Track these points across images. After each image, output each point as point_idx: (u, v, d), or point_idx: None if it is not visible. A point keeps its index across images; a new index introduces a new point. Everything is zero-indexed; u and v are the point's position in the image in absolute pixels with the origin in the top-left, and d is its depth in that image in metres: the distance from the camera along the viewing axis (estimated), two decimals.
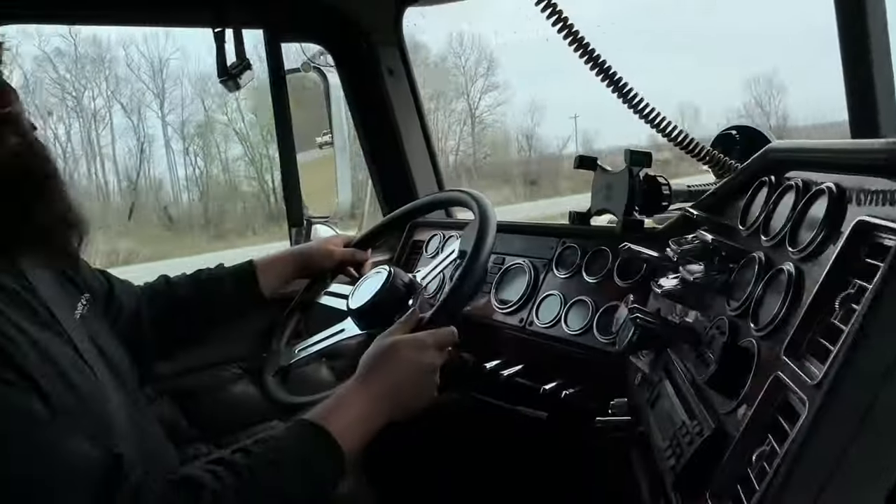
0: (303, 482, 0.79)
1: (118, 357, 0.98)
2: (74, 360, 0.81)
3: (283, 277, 1.38)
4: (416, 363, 0.96)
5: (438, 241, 1.67)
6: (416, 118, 1.88)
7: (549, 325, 1.24)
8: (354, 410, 0.89)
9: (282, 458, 0.78)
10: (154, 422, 1.03)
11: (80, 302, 0.96)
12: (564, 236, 1.33)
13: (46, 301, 0.84)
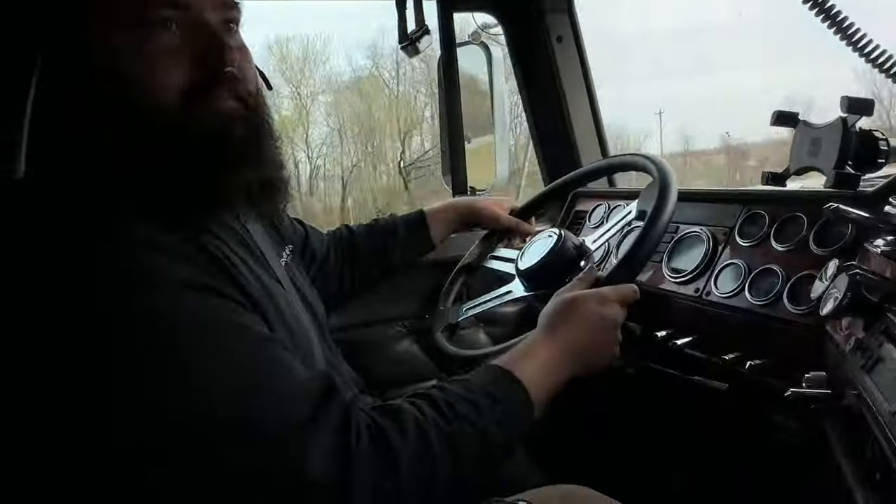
0: (497, 421, 0.78)
1: (317, 304, 1.05)
2: (287, 300, 0.88)
3: (450, 225, 1.45)
4: (599, 317, 0.94)
5: (603, 210, 1.63)
6: (584, 86, 1.84)
7: (730, 295, 1.16)
8: (540, 360, 0.88)
9: (476, 397, 0.78)
10: (346, 368, 1.09)
11: (284, 251, 1.04)
12: (750, 203, 1.24)
13: (260, 246, 0.91)
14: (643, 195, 1.19)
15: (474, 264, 1.45)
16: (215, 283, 0.68)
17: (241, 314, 0.70)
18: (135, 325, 0.61)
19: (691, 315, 1.24)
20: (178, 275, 0.65)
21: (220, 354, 0.64)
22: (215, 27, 0.73)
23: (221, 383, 0.63)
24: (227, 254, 0.76)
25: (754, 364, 1.03)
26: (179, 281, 0.64)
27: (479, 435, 0.75)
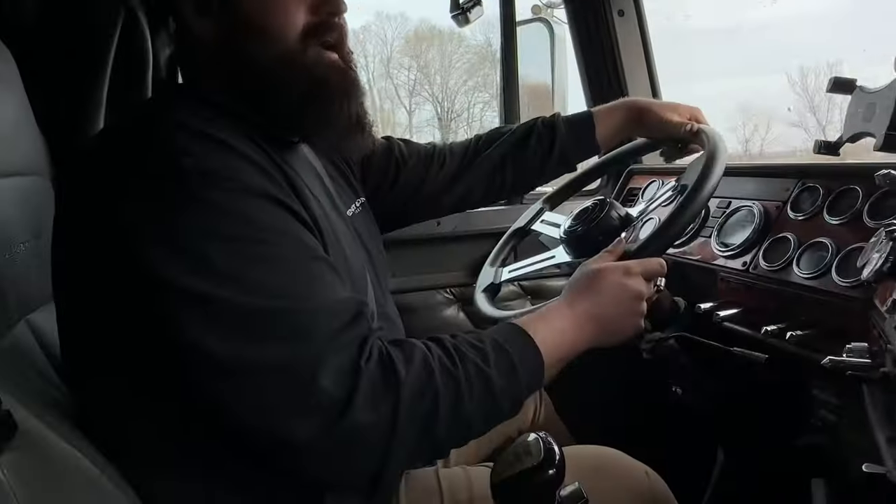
0: (504, 372, 0.78)
1: (377, 255, 1.10)
2: (348, 240, 0.93)
3: (618, 130, 1.32)
4: (621, 288, 0.92)
5: (657, 186, 1.61)
6: (644, 61, 1.82)
7: (777, 269, 1.14)
8: (558, 325, 0.88)
9: (486, 346, 0.79)
10: (399, 322, 1.13)
11: (355, 203, 1.09)
12: (805, 176, 1.21)
13: (332, 191, 0.98)
14: (689, 168, 1.18)
15: (525, 228, 1.45)
16: (287, 199, 0.75)
17: (302, 231, 0.76)
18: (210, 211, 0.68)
19: (737, 288, 1.22)
20: (258, 183, 0.72)
21: (273, 256, 0.70)
22: None
23: (267, 279, 0.68)
24: (302, 184, 0.82)
25: (795, 335, 1.02)
26: (257, 188, 0.72)
27: (484, 380, 0.76)
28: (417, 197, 1.28)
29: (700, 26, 2.07)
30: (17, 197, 0.93)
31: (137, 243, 0.67)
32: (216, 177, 0.69)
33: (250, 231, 0.69)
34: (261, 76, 0.82)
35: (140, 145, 0.72)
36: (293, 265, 0.71)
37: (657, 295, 1.21)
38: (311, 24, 0.82)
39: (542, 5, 1.94)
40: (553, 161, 1.31)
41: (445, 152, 1.30)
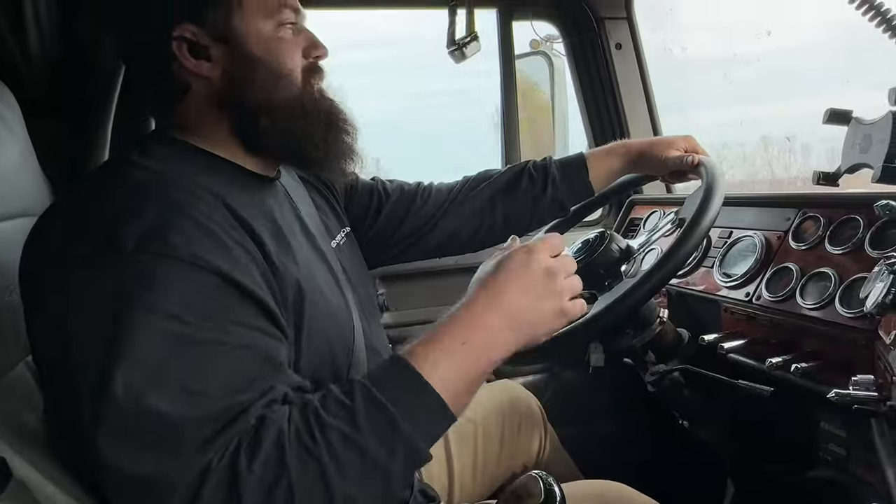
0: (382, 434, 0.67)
1: (364, 288, 1.08)
2: (327, 277, 0.92)
3: (612, 173, 1.29)
4: (526, 270, 0.76)
5: (658, 217, 1.62)
6: (642, 93, 1.84)
7: (781, 300, 1.13)
8: (458, 339, 0.72)
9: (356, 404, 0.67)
10: (386, 349, 1.11)
11: (339, 233, 1.08)
12: (805, 206, 1.21)
13: (309, 225, 0.97)
14: (688, 200, 1.17)
15: None
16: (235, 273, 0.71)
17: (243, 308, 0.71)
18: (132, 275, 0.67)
19: (741, 320, 1.21)
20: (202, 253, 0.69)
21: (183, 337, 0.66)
22: (310, 31, 0.90)
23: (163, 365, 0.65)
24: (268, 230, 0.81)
25: (801, 367, 1.00)
26: (201, 259, 0.69)
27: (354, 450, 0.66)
28: (401, 231, 1.24)
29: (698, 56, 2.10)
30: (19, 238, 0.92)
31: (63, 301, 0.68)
32: (151, 238, 0.67)
33: (166, 303, 0.66)
34: (277, 112, 0.85)
35: (95, 196, 0.75)
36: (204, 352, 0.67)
37: (661, 327, 1.21)
38: (306, 67, 0.88)
39: (541, 40, 1.96)
40: (545, 203, 1.26)
41: (431, 189, 1.29)
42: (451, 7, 1.64)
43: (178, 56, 0.82)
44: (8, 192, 0.92)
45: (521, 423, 1.33)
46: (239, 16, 0.83)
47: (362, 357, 0.94)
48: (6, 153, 0.94)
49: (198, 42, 0.82)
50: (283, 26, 0.85)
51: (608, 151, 1.30)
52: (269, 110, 0.85)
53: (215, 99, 0.84)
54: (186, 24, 0.81)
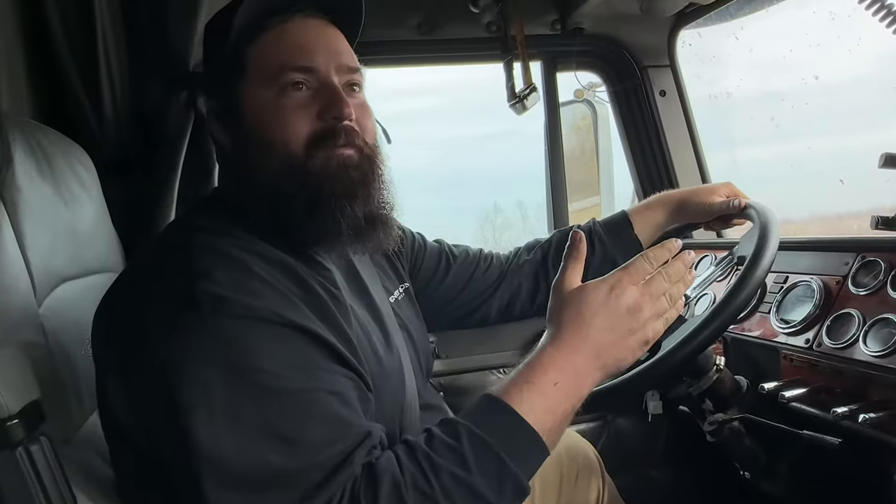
0: (490, 473, 0.69)
1: (422, 343, 1.09)
2: (382, 335, 0.93)
3: (657, 226, 1.30)
4: (609, 307, 0.77)
5: (709, 261, 1.60)
6: (688, 139, 1.84)
7: (843, 346, 1.10)
8: (549, 379, 0.74)
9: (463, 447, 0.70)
10: (444, 408, 1.10)
11: (397, 289, 1.10)
12: (864, 250, 1.18)
13: (367, 285, 0.99)
14: (743, 240, 1.17)
15: None
16: (306, 322, 0.73)
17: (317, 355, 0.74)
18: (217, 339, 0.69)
19: (802, 367, 1.18)
20: (272, 308, 0.72)
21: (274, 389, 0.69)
22: (336, 87, 0.84)
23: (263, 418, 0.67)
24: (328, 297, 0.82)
25: (870, 418, 0.97)
26: (271, 314, 0.71)
27: (467, 490, 0.68)
28: (464, 294, 1.27)
29: (743, 98, 2.09)
30: (95, 293, 0.97)
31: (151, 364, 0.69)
32: (229, 302, 0.70)
33: (253, 361, 0.69)
34: (266, 186, 0.83)
35: (168, 268, 0.76)
36: (292, 400, 0.69)
37: (718, 374, 1.18)
38: (318, 132, 0.82)
39: (584, 88, 2.00)
40: (595, 261, 1.26)
41: (492, 256, 1.33)
42: (506, 62, 1.70)
43: (209, 126, 0.87)
44: (85, 250, 0.98)
45: (579, 472, 1.31)
46: (243, 84, 0.84)
47: (415, 415, 0.95)
48: (83, 213, 1.00)
49: (216, 114, 0.87)
50: (286, 90, 0.82)
51: (649, 205, 1.32)
52: (256, 185, 0.83)
53: (235, 169, 0.88)
54: (206, 97, 0.87)
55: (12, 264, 0.79)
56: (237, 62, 0.84)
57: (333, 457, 0.68)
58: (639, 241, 1.29)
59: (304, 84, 0.83)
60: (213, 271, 0.72)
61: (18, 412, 0.65)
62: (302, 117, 0.82)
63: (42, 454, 0.67)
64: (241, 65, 0.84)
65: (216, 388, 0.67)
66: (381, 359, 0.89)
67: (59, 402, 0.83)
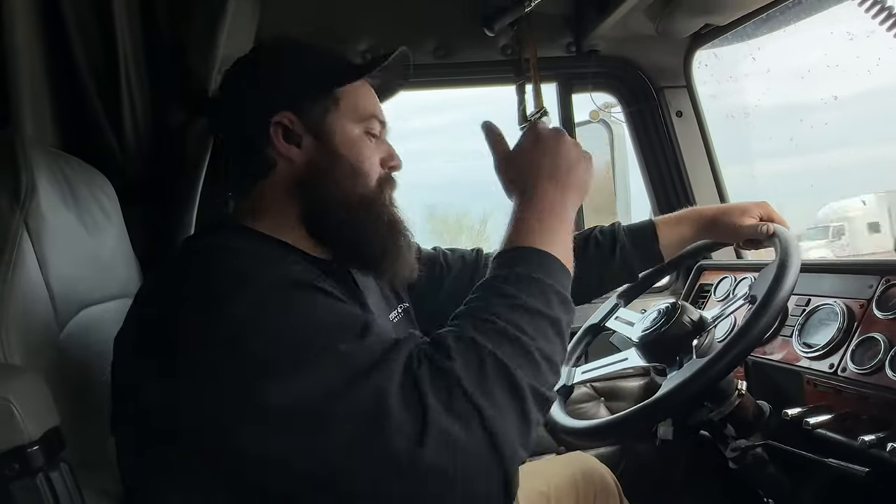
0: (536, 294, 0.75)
1: None
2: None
3: (684, 241, 1.29)
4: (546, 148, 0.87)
5: (729, 283, 1.58)
6: (706, 159, 1.84)
7: (869, 372, 1.08)
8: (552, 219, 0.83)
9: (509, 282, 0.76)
10: None
11: (397, 308, 1.12)
12: (889, 273, 1.16)
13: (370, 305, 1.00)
14: (761, 276, 1.13)
15: (600, 325, 1.42)
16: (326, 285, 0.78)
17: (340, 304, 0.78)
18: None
19: (826, 393, 1.16)
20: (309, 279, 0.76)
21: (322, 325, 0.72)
22: (390, 144, 0.98)
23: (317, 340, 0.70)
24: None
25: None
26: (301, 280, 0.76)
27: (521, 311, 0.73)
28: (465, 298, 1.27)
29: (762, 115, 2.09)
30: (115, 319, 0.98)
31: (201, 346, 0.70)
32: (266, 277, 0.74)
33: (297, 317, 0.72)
34: (348, 206, 0.90)
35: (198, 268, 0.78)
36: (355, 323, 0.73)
37: (739, 399, 1.16)
38: (381, 176, 0.94)
39: (599, 109, 2.00)
40: (614, 268, 1.27)
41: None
42: (518, 85, 1.71)
43: (273, 138, 0.90)
44: (106, 276, 0.99)
45: (596, 497, 1.29)
46: (334, 115, 0.91)
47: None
48: (105, 240, 1.01)
49: (293, 130, 0.90)
50: (368, 134, 0.93)
51: (679, 219, 1.29)
52: (342, 204, 0.90)
53: (293, 183, 0.90)
54: (287, 111, 0.90)
55: (35, 292, 0.80)
56: (332, 94, 0.92)
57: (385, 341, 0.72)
58: (661, 255, 1.27)
59: (376, 136, 0.95)
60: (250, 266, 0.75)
61: (39, 438, 0.66)
62: (376, 159, 0.94)
63: (62, 480, 0.68)
64: (336, 98, 0.92)
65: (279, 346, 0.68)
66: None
67: (78, 426, 0.83)
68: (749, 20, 1.65)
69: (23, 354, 0.75)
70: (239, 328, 0.70)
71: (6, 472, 0.63)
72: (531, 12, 1.59)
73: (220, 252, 0.80)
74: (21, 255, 0.78)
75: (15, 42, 1.13)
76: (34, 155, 0.84)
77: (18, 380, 0.66)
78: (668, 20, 1.65)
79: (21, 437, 0.64)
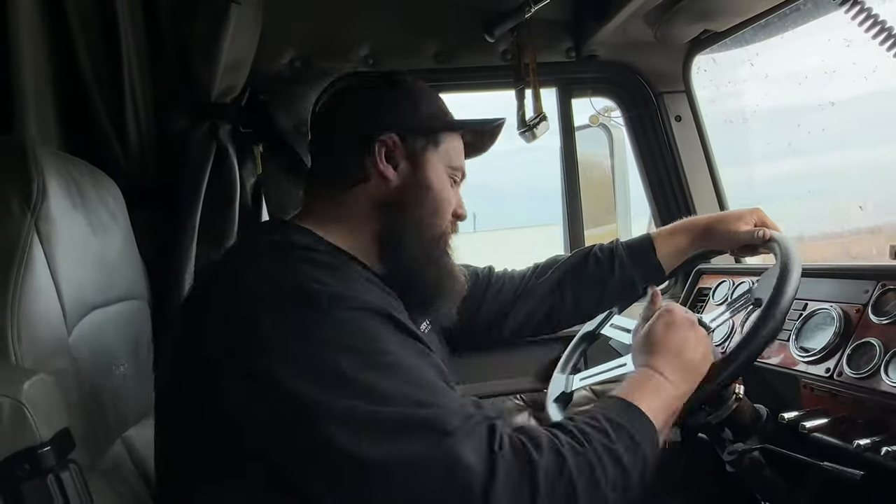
0: (628, 449, 0.80)
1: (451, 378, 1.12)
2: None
3: (681, 252, 1.33)
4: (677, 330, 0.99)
5: (727, 287, 1.59)
6: (705, 163, 1.85)
7: (864, 376, 1.09)
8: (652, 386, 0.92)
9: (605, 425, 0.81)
10: None
11: (425, 322, 1.15)
12: (885, 278, 1.17)
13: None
14: (763, 279, 1.14)
15: (594, 332, 1.44)
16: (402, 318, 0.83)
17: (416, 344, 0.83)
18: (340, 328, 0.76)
19: (822, 397, 1.17)
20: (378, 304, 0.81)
21: (399, 365, 0.76)
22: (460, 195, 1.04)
23: (396, 387, 0.74)
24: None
25: (892, 451, 0.96)
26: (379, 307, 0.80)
27: (614, 458, 0.78)
28: (478, 318, 1.31)
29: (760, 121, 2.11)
30: (121, 321, 1.01)
31: (275, 359, 0.73)
32: (342, 298, 0.77)
33: (376, 345, 0.76)
34: (420, 240, 0.96)
35: (275, 272, 0.80)
36: (416, 373, 0.77)
37: (737, 403, 1.17)
38: (450, 221, 1.01)
39: (599, 113, 2.01)
40: (614, 283, 1.32)
41: (504, 276, 1.35)
42: (518, 91, 1.72)
43: (376, 153, 0.94)
44: (113, 279, 1.01)
45: None
46: (433, 153, 0.98)
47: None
48: (112, 243, 1.03)
49: (394, 152, 0.95)
50: (453, 180, 1.01)
51: (673, 230, 1.33)
52: (418, 234, 0.96)
53: (381, 201, 0.95)
54: (394, 134, 0.95)
55: (45, 295, 0.81)
56: (436, 135, 0.99)
57: (467, 402, 0.78)
58: (661, 266, 1.31)
59: (455, 179, 1.02)
60: (319, 275, 0.79)
61: (50, 440, 0.67)
62: (453, 204, 1.01)
63: (72, 481, 0.69)
64: (437, 139, 0.99)
65: (350, 372, 0.72)
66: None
67: (87, 427, 0.85)
68: (747, 26, 1.66)
69: (33, 357, 0.77)
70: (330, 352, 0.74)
71: (17, 473, 0.65)
72: (531, 18, 1.60)
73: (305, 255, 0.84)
74: (31, 259, 0.79)
75: (19, 47, 1.14)
76: (44, 159, 0.85)
77: (30, 382, 0.67)
78: (666, 26, 1.67)
79: (32, 439, 0.65)
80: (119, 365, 0.96)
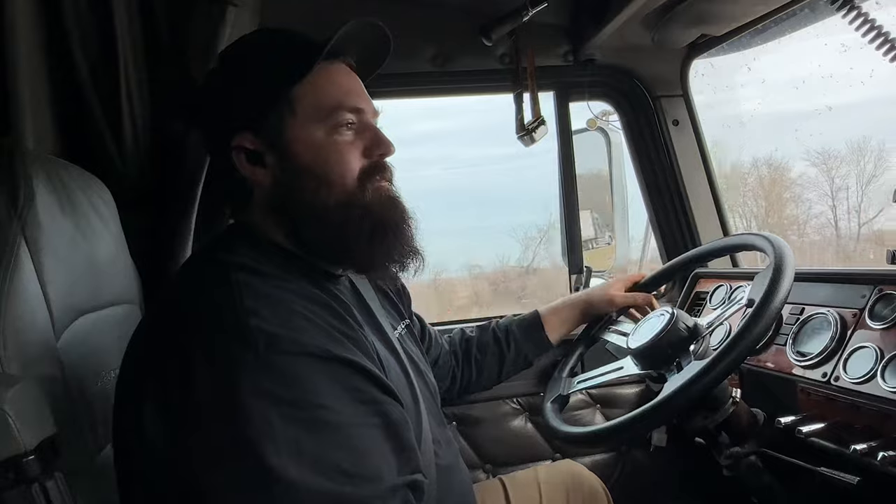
0: None
1: (429, 375, 1.11)
2: (397, 369, 0.94)
3: (567, 324, 1.45)
4: None
5: (724, 291, 1.59)
6: (702, 167, 1.84)
7: (861, 381, 1.09)
8: None
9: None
10: (452, 440, 1.11)
11: (400, 324, 1.12)
12: (881, 283, 1.17)
13: (377, 317, 1.01)
14: (757, 279, 1.14)
15: (592, 336, 1.45)
16: (347, 353, 0.76)
17: (363, 383, 0.77)
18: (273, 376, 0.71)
19: (819, 402, 1.16)
20: (319, 344, 0.74)
21: (330, 424, 0.71)
22: (378, 128, 0.91)
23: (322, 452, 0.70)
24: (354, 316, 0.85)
25: (888, 456, 0.95)
26: (319, 350, 0.74)
27: None
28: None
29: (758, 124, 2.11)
30: (112, 326, 1.00)
31: (198, 395, 0.70)
32: (279, 340, 0.72)
33: (310, 398, 0.71)
34: (323, 219, 0.87)
35: (213, 305, 0.76)
36: (346, 433, 0.72)
37: (734, 407, 1.17)
38: (367, 167, 0.89)
39: (596, 117, 2.00)
40: (510, 359, 1.41)
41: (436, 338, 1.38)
42: (516, 95, 1.71)
43: (237, 164, 0.87)
44: (102, 284, 1.00)
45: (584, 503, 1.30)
46: (292, 123, 0.86)
47: (430, 448, 0.95)
48: (102, 247, 1.02)
49: (254, 150, 0.87)
50: (339, 129, 0.87)
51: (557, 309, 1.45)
52: (317, 217, 0.87)
53: (268, 205, 0.89)
54: (246, 133, 0.87)
55: (32, 301, 0.80)
56: (286, 101, 0.87)
57: (396, 488, 0.73)
58: (549, 340, 1.43)
59: (352, 124, 0.88)
60: (259, 309, 0.74)
61: (34, 448, 0.66)
62: (353, 154, 0.88)
63: (57, 490, 0.69)
64: (290, 102, 0.87)
65: (277, 424, 0.68)
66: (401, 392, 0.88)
67: (74, 433, 0.84)
68: (744, 31, 1.66)
69: (20, 363, 0.76)
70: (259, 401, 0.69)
71: (1, 482, 0.64)
72: (528, 22, 1.60)
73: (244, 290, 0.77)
74: (18, 265, 0.78)
75: (16, 49, 1.13)
76: (32, 164, 0.85)
77: (14, 389, 0.66)
78: (664, 30, 1.66)
79: (17, 447, 0.64)
80: (109, 370, 0.95)
